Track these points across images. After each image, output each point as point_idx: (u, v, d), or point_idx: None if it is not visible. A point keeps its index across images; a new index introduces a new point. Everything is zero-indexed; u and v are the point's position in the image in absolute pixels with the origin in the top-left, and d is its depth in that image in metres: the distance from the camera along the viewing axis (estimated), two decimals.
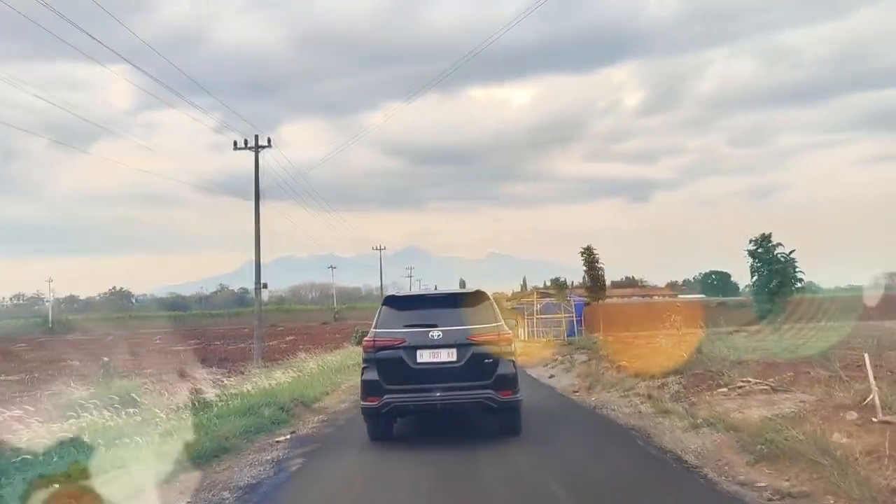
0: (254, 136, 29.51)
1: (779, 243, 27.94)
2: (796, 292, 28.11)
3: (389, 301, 9.39)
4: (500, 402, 8.47)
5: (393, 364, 8.50)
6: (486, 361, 8.47)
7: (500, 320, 8.97)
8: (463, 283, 68.44)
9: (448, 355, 8.49)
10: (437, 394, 8.39)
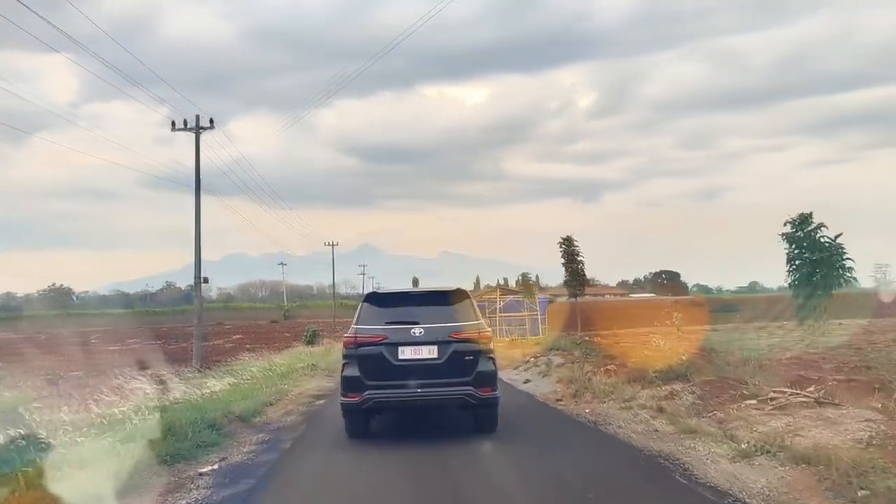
0: (195, 117, 27.20)
1: (821, 224, 22.91)
2: (844, 284, 23.48)
3: (371, 298, 9.34)
4: (480, 398, 8.45)
5: (374, 360, 8.46)
6: (467, 358, 8.48)
7: (479, 318, 9.01)
8: (416, 282, 67.05)
9: (429, 352, 8.48)
10: (418, 390, 8.35)
